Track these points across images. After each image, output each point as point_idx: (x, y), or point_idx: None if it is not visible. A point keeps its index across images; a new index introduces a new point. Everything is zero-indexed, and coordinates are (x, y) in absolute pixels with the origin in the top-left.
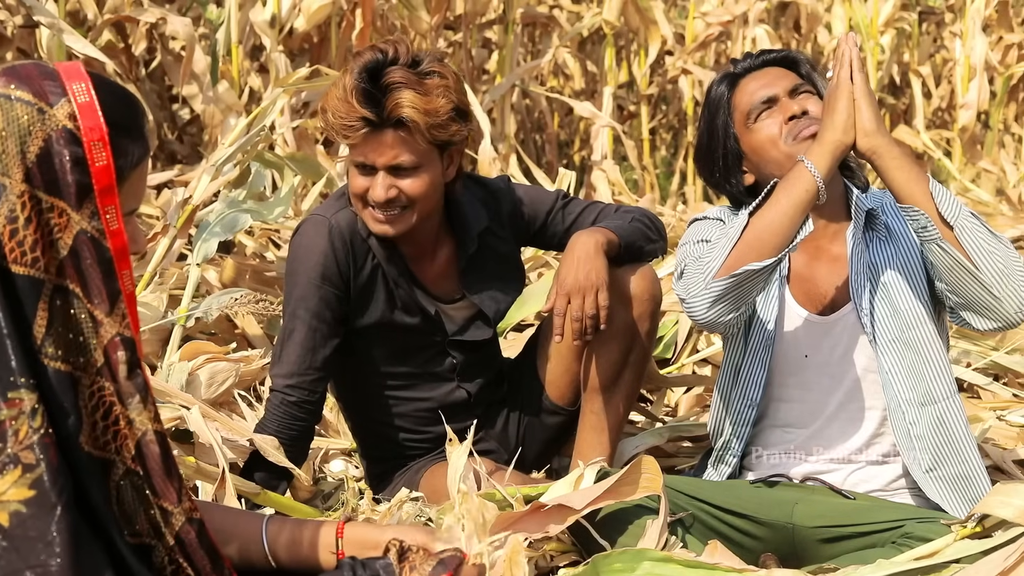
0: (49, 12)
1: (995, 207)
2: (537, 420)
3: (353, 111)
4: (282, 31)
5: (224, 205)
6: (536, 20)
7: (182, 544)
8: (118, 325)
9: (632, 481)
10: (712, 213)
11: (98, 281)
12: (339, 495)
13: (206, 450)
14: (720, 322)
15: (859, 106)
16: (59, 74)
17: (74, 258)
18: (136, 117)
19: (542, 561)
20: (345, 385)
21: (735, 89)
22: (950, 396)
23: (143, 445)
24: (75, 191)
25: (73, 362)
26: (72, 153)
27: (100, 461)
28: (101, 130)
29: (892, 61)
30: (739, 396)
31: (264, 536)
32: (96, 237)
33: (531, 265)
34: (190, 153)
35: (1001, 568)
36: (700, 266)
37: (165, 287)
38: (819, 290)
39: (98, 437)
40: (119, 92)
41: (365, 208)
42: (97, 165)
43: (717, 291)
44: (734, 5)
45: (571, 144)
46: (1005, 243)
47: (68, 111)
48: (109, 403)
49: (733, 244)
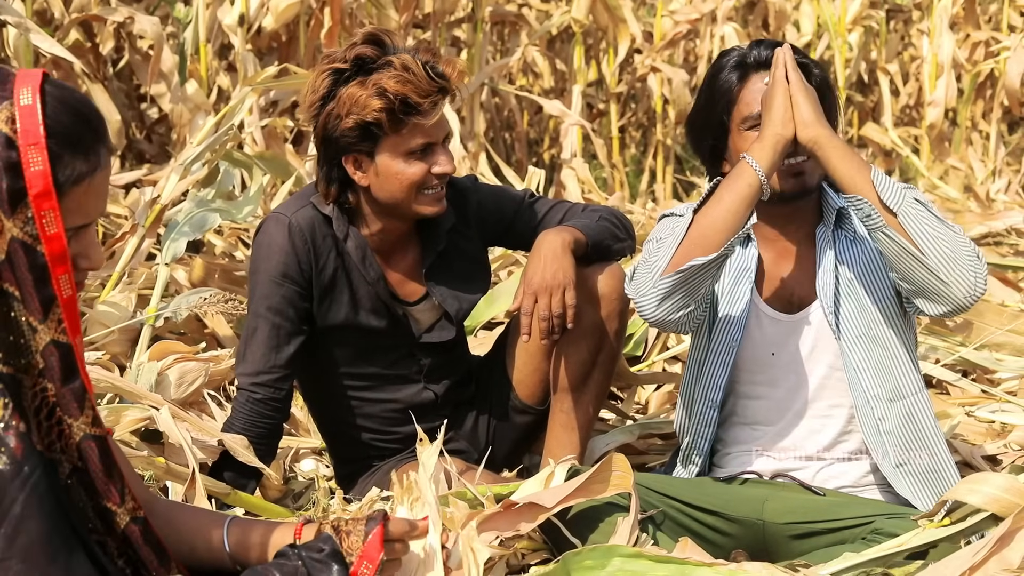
0: (16, 11)
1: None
2: (507, 419)
3: (435, 83)
4: (250, 30)
5: (193, 204)
6: (505, 18)
7: (127, 542)
8: (53, 331)
9: (603, 479)
10: (680, 210)
11: (30, 287)
12: (310, 494)
13: (176, 450)
14: (671, 319)
15: (796, 100)
16: (13, 79)
17: (10, 263)
18: (84, 132)
19: (513, 559)
20: (312, 386)
21: (744, 82)
22: (918, 391)
23: (82, 449)
24: (7, 197)
25: (15, 364)
26: (6, 157)
27: (51, 461)
28: (37, 134)
29: (860, 59)
30: (701, 396)
31: (225, 537)
32: (28, 243)
33: (500, 263)
34: (158, 152)
35: (971, 564)
36: (648, 265)
37: (134, 287)
38: (786, 289)
39: (43, 437)
40: (74, 104)
41: (419, 195)
42: (32, 170)
43: (665, 288)
44: (702, 3)
45: (540, 142)
46: (953, 228)
47: (7, 115)
48: (52, 404)
49: (679, 242)
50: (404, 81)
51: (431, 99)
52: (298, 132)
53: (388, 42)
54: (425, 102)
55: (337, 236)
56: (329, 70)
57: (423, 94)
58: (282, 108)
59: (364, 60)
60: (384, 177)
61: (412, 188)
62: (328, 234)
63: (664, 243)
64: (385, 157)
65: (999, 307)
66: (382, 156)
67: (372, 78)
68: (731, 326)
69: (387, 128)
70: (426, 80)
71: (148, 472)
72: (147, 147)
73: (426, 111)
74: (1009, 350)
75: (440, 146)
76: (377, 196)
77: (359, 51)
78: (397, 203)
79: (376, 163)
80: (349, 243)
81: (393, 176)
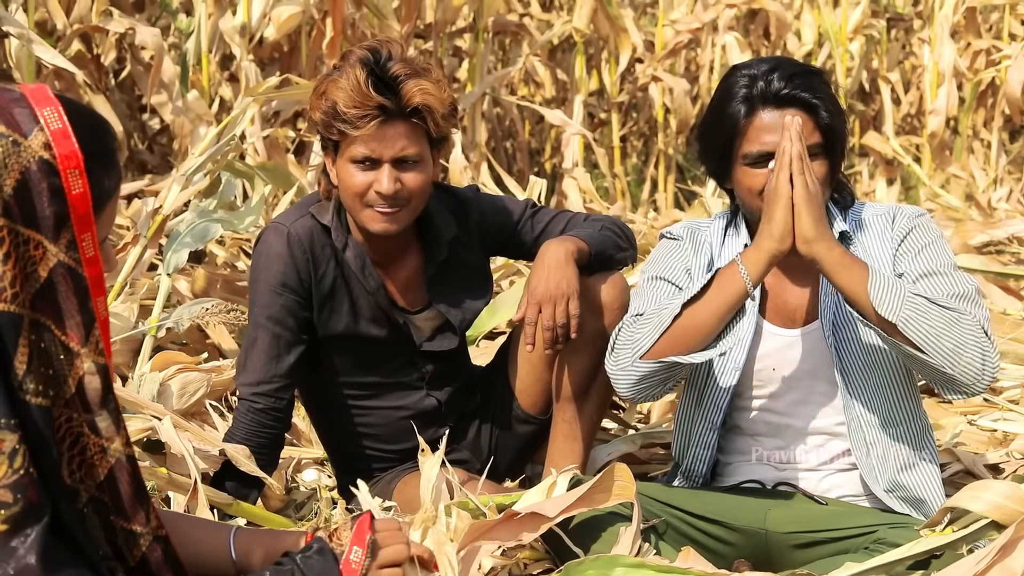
0: (18, 22)
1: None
2: (509, 429)
3: (369, 99)
4: (252, 40)
5: (195, 215)
6: (506, 28)
7: (146, 562)
8: (93, 354)
9: (605, 488)
10: (678, 231)
11: (74, 311)
12: (312, 505)
13: (178, 461)
14: (646, 398)
15: (798, 212)
16: (27, 99)
17: (48, 290)
18: (109, 144)
19: (516, 569)
20: (314, 395)
21: (749, 118)
22: (913, 419)
23: (116, 470)
24: (53, 223)
25: (49, 395)
26: (50, 184)
27: (72, 489)
28: (77, 157)
29: (861, 68)
30: (702, 419)
31: (232, 547)
32: (73, 267)
33: (502, 273)
34: (160, 163)
35: (974, 571)
36: (630, 342)
37: (136, 297)
38: (788, 305)
39: (67, 465)
40: (90, 119)
41: (364, 209)
42: (74, 193)
43: (643, 372)
44: (703, 13)
45: (542, 152)
46: (959, 315)
47: (43, 140)
48: (76, 433)
49: (663, 330)
50: (340, 88)
51: (358, 111)
52: (300, 142)
53: (382, 53)
54: (350, 112)
55: (336, 246)
56: (332, 67)
57: (351, 105)
58: (284, 119)
59: (342, 61)
60: (339, 180)
61: (355, 198)
62: (327, 244)
63: (649, 322)
64: (340, 160)
65: (1001, 316)
66: (339, 158)
67: (329, 80)
68: (732, 351)
69: (324, 131)
70: (359, 93)
71: (151, 483)
72: (149, 157)
73: (351, 122)
74: (1011, 359)
75: (387, 165)
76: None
77: (347, 52)
78: (349, 210)
79: (337, 163)
80: (348, 252)
81: (342, 181)
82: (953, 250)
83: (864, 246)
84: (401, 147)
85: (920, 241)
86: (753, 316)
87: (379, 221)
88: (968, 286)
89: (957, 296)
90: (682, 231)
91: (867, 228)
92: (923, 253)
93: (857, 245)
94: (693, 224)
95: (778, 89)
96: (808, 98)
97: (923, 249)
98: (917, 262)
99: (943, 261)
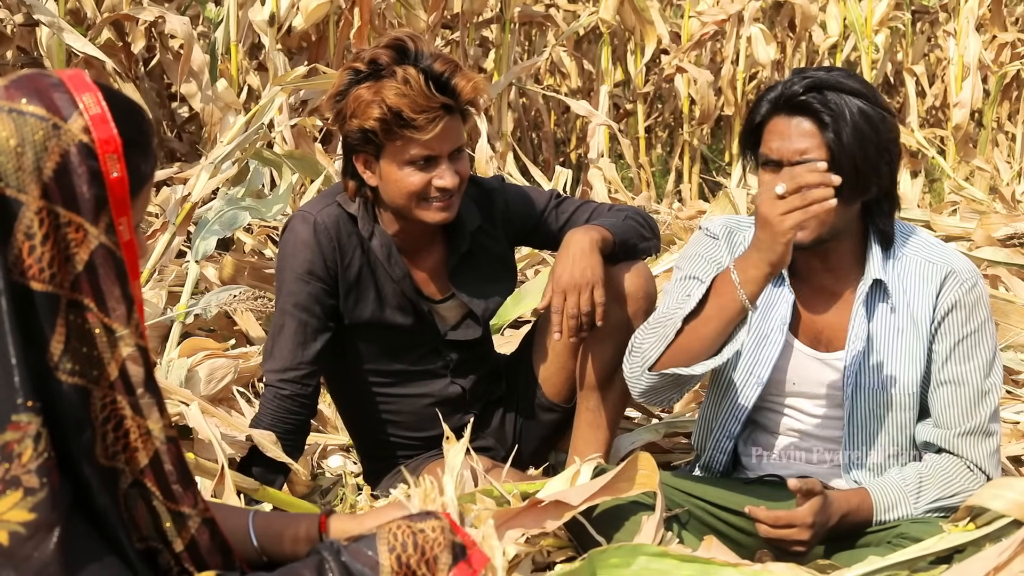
0: (49, 11)
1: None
2: (533, 417)
3: (434, 101)
4: (280, 29)
5: (223, 202)
6: (533, 19)
7: (195, 546)
8: (134, 336)
9: (628, 477)
10: (716, 229)
11: (116, 292)
12: (337, 491)
13: (205, 446)
14: (661, 403)
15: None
16: (65, 84)
17: (90, 272)
18: (145, 131)
19: (539, 557)
20: (340, 383)
21: (767, 120)
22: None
23: (160, 453)
24: (93, 205)
25: (88, 376)
26: (89, 167)
27: (110, 470)
28: (116, 142)
29: (886, 60)
30: (719, 426)
31: (252, 531)
32: (112, 250)
33: (526, 263)
34: (189, 151)
35: (995, 563)
36: (640, 351)
37: (164, 284)
38: (816, 327)
39: (108, 447)
40: (126, 105)
41: (420, 203)
42: (112, 177)
43: (652, 382)
44: (729, 4)
45: (567, 142)
46: (955, 472)
47: (82, 124)
48: (121, 416)
49: (667, 344)
50: (401, 94)
51: (427, 115)
52: (327, 131)
53: (411, 48)
54: (419, 117)
55: (362, 234)
56: (350, 69)
57: (418, 109)
58: (311, 107)
59: (379, 64)
60: (386, 182)
61: (411, 197)
62: (353, 232)
63: (656, 332)
64: (387, 163)
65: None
66: (385, 161)
67: (378, 85)
68: (758, 363)
69: (382, 137)
70: (424, 96)
71: None
72: (178, 145)
73: (421, 126)
74: None
75: (445, 159)
76: (383, 198)
77: (376, 54)
78: (399, 208)
79: (380, 166)
80: (374, 241)
81: (393, 183)
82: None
83: (903, 302)
84: (456, 139)
85: (963, 327)
86: (782, 335)
87: (440, 211)
88: (985, 411)
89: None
90: (720, 230)
91: (910, 278)
92: (961, 346)
93: (894, 296)
94: (733, 222)
95: (793, 94)
96: (819, 109)
97: (963, 340)
98: (952, 357)
99: (977, 364)
